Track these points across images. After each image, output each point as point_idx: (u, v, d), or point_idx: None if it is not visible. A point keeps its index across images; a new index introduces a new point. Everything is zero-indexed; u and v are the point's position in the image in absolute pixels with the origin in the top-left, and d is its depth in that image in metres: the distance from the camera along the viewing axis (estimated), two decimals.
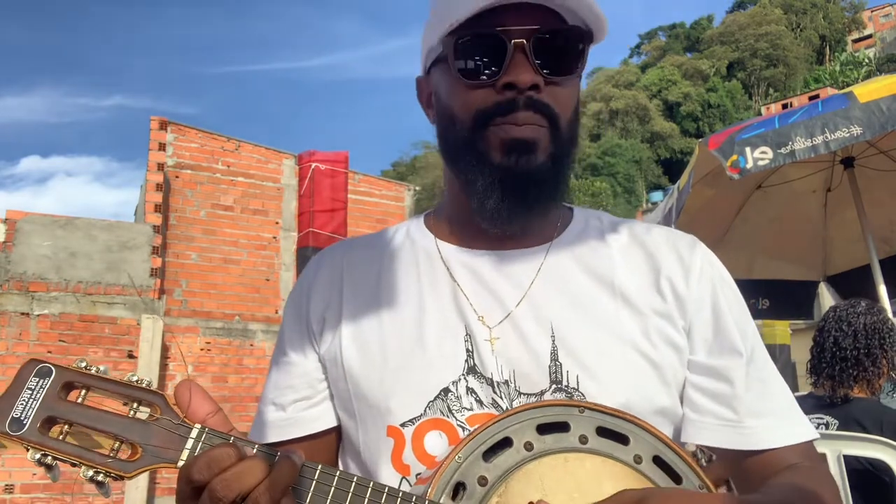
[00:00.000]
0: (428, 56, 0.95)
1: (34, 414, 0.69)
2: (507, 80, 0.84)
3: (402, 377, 0.87)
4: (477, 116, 0.87)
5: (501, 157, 0.86)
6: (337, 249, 1.04)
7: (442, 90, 0.93)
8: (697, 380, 0.88)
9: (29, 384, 0.71)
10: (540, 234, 0.95)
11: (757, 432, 0.85)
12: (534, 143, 0.86)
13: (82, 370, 0.72)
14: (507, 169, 0.86)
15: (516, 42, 0.84)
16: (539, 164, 0.86)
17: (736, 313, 0.91)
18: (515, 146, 0.85)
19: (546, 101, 0.86)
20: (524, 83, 0.84)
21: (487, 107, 0.86)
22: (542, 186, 0.88)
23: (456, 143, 0.90)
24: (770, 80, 77.29)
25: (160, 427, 0.70)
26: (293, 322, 0.98)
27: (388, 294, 0.93)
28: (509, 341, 0.87)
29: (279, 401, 0.94)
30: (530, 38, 0.84)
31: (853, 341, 2.60)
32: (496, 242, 0.94)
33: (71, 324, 6.98)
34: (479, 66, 0.86)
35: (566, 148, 0.90)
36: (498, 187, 0.87)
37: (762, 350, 0.91)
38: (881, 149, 3.91)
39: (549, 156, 0.87)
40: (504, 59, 0.84)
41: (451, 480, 0.72)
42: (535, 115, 0.85)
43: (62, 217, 7.30)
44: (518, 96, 0.84)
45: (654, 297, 0.90)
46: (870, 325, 2.62)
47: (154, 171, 7.91)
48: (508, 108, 0.85)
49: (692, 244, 0.95)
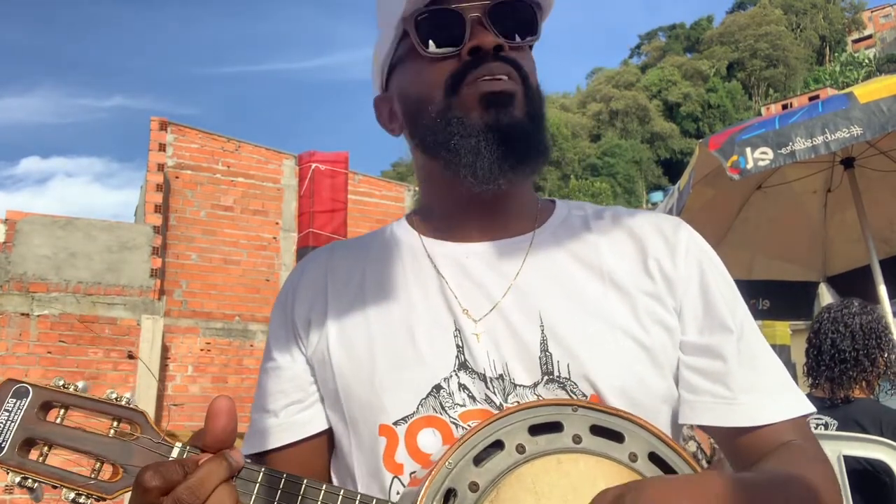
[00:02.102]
0: (384, 67, 0.97)
1: (12, 436, 0.68)
2: (472, 45, 0.87)
3: (392, 375, 0.86)
4: (447, 82, 0.88)
5: (482, 114, 0.86)
6: (321, 253, 1.03)
7: (407, 83, 0.94)
8: (690, 360, 0.87)
9: (6, 405, 0.69)
10: (524, 224, 0.95)
11: (750, 408, 0.84)
12: (510, 94, 0.87)
13: (60, 389, 0.71)
14: (489, 125, 0.86)
15: (473, 16, 0.88)
16: (519, 118, 0.87)
17: (724, 290, 0.90)
18: (493, 100, 0.86)
19: (514, 57, 0.88)
20: (489, 44, 0.87)
21: (457, 70, 0.88)
22: (528, 141, 0.88)
23: (432, 121, 0.90)
24: (770, 80, 77.29)
25: (140, 447, 0.70)
26: (279, 326, 0.97)
27: (374, 292, 0.93)
28: (498, 334, 0.86)
29: (271, 407, 0.93)
30: (485, 11, 0.88)
31: (851, 342, 2.59)
32: (481, 234, 0.93)
33: (71, 324, 6.97)
34: (442, 38, 0.89)
35: (539, 113, 0.91)
36: (483, 144, 0.86)
37: (752, 326, 0.91)
38: (881, 149, 3.91)
39: (525, 114, 0.88)
40: (465, 31, 0.87)
41: (441, 487, 0.71)
42: (505, 66, 0.87)
43: (62, 217, 7.30)
44: (486, 55, 0.87)
45: (643, 278, 0.89)
46: (866, 325, 2.62)
47: (154, 171, 7.91)
48: (477, 63, 0.87)
49: (676, 225, 0.95)
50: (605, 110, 76.71)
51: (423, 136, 0.92)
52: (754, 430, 0.84)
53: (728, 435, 0.86)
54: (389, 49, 0.95)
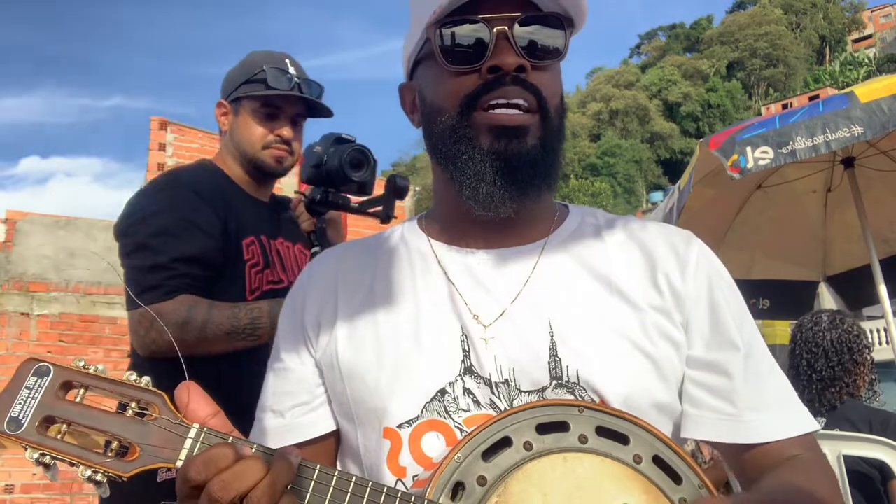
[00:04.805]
0: (410, 59, 0.96)
1: (32, 413, 0.69)
2: (493, 64, 0.85)
3: (398, 379, 0.86)
4: (463, 101, 0.87)
5: (491, 142, 0.86)
6: (331, 255, 1.04)
7: (427, 85, 0.93)
8: (696, 375, 0.88)
9: (27, 383, 0.70)
10: (536, 232, 0.95)
11: (756, 425, 0.85)
12: (522, 128, 0.86)
13: (81, 369, 0.72)
14: (496, 153, 0.86)
15: (499, 29, 0.85)
16: (529, 148, 0.86)
17: (733, 307, 0.91)
18: (504, 132, 0.85)
19: (533, 81, 0.86)
20: (509, 65, 0.85)
21: (474, 89, 0.86)
22: (534, 170, 0.87)
23: (443, 133, 0.89)
24: (770, 80, 77.31)
25: (158, 427, 0.70)
26: (288, 328, 0.98)
27: (384, 296, 0.93)
28: (507, 339, 0.86)
29: (277, 407, 0.94)
30: (511, 25, 0.85)
31: (825, 361, 2.63)
32: (491, 241, 0.93)
33: (71, 324, 6.97)
34: (463, 53, 0.87)
35: (555, 135, 0.90)
36: (489, 171, 0.86)
37: (760, 343, 0.91)
38: (881, 149, 3.91)
39: (538, 141, 0.87)
40: (487, 46, 0.85)
41: (450, 480, 0.72)
42: (524, 92, 0.86)
43: (62, 217, 7.30)
44: (504, 77, 0.85)
45: (652, 292, 0.89)
46: (836, 341, 2.65)
47: (154, 171, 7.90)
48: (495, 85, 0.86)
49: (688, 239, 0.95)
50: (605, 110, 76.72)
51: (435, 143, 0.92)
52: (760, 447, 0.85)
53: (733, 450, 0.87)
54: (416, 45, 0.94)
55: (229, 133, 1.94)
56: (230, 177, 1.92)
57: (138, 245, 1.72)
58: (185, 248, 1.69)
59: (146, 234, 1.72)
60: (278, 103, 1.88)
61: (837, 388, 2.59)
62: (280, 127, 1.89)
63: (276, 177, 2.01)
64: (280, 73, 1.87)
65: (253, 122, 1.88)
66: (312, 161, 1.84)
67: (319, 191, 1.86)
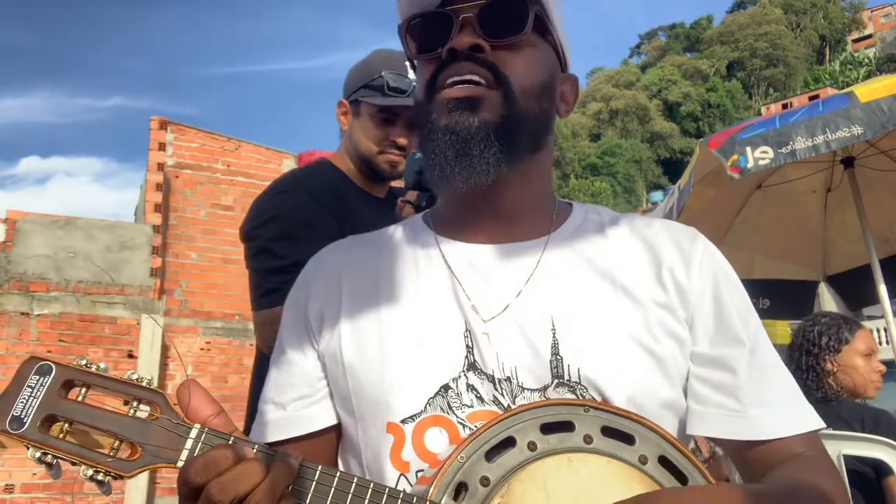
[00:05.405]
0: None
1: (34, 412, 0.69)
2: (448, 46, 0.88)
3: (401, 373, 0.86)
4: (427, 86, 0.90)
5: (445, 118, 0.87)
6: (336, 248, 1.04)
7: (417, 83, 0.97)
8: (700, 371, 0.87)
9: (29, 382, 0.70)
10: (539, 227, 0.95)
11: (761, 422, 0.84)
12: (472, 99, 0.86)
13: (82, 368, 0.72)
14: (447, 127, 0.87)
15: (464, 17, 0.88)
16: (481, 122, 0.86)
17: (738, 303, 0.90)
18: (457, 105, 0.87)
19: (491, 59, 0.88)
20: (464, 44, 0.87)
21: (434, 71, 0.89)
22: (486, 144, 0.86)
23: (419, 121, 0.93)
24: (770, 80, 77.32)
25: (160, 426, 0.70)
26: (292, 321, 0.98)
27: (388, 290, 0.93)
28: (509, 336, 0.86)
29: (279, 399, 0.94)
30: (472, 10, 0.88)
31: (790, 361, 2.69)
32: (495, 235, 0.94)
33: (71, 324, 6.97)
34: (428, 44, 0.91)
35: (525, 115, 0.89)
36: (441, 145, 0.87)
37: (765, 340, 0.90)
38: (881, 149, 3.91)
39: (499, 118, 0.87)
40: (450, 32, 0.88)
41: (452, 481, 0.72)
42: (477, 67, 0.87)
43: (62, 217, 7.29)
44: (459, 55, 0.88)
45: (656, 289, 0.89)
46: (795, 347, 2.74)
47: (154, 170, 7.90)
48: (448, 63, 0.88)
49: (693, 236, 0.94)
50: (605, 110, 76.72)
51: (419, 135, 0.94)
52: (765, 443, 0.84)
53: (737, 447, 0.86)
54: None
55: (348, 133, 1.98)
56: (347, 175, 1.96)
57: (260, 248, 1.80)
58: (304, 252, 1.71)
59: (267, 237, 1.79)
60: (395, 110, 1.90)
61: (807, 391, 2.62)
62: (396, 133, 1.91)
63: (390, 180, 2.04)
64: (399, 79, 1.88)
65: (370, 126, 1.91)
66: (415, 167, 1.85)
67: (425, 196, 1.86)
